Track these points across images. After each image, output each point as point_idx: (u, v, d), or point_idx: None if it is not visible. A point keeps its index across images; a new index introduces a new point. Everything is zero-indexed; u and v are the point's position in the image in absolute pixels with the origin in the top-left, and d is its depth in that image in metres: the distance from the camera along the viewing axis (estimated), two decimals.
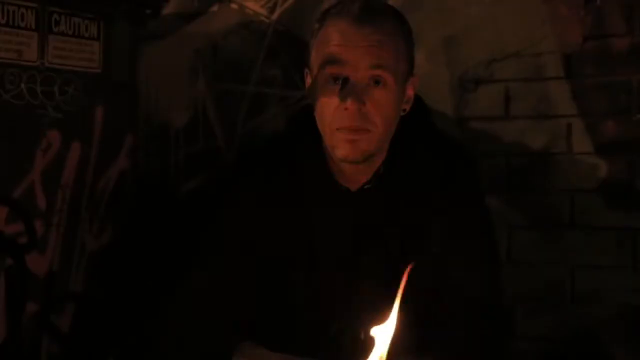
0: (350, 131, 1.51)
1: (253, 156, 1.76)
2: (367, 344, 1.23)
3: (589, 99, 2.23)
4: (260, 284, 1.66)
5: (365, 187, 1.62)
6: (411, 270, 1.42)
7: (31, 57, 2.05)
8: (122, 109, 2.31)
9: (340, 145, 1.53)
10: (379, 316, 1.21)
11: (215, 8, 2.76)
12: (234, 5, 2.73)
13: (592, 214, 2.23)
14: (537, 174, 2.30)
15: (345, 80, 1.52)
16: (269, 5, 2.67)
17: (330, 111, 1.54)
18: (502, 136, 2.34)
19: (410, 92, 1.64)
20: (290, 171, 1.64)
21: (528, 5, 2.29)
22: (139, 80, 2.42)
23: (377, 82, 1.53)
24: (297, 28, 2.55)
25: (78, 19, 2.16)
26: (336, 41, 1.53)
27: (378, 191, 1.61)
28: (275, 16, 2.66)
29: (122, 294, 2.34)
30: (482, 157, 2.31)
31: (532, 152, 2.30)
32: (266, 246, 1.64)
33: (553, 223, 2.29)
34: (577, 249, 2.25)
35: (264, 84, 2.67)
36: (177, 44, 2.79)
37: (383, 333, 1.22)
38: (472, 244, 1.60)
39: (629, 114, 2.18)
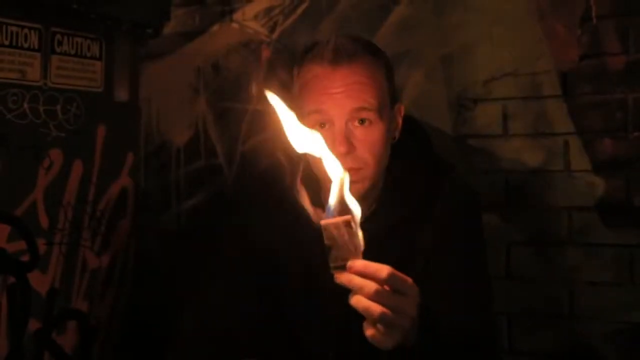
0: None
1: (256, 182, 1.78)
2: None
3: (585, 117, 2.25)
4: (263, 305, 1.67)
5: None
6: None
7: (34, 77, 2.06)
8: (124, 128, 2.32)
9: None
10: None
11: (216, 27, 2.78)
12: (234, 25, 2.75)
13: (590, 231, 2.24)
14: (534, 191, 2.31)
15: (331, 123, 1.53)
16: (269, 24, 2.70)
17: None
18: (500, 154, 2.35)
19: (398, 120, 1.65)
20: (288, 201, 1.64)
21: (524, 24, 2.31)
22: (141, 99, 2.43)
23: (362, 121, 1.54)
24: (297, 47, 2.57)
25: (80, 39, 2.18)
26: (315, 90, 1.54)
27: (371, 225, 1.61)
28: (275, 35, 2.69)
29: (125, 311, 2.34)
30: (481, 174, 2.33)
31: (530, 169, 2.32)
32: (270, 270, 1.65)
33: (551, 240, 2.30)
34: (575, 266, 2.26)
35: (265, 102, 2.69)
36: (178, 63, 2.82)
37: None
38: (462, 274, 1.59)
39: (626, 132, 2.20)
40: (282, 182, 1.69)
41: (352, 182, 1.52)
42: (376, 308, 1.22)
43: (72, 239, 2.16)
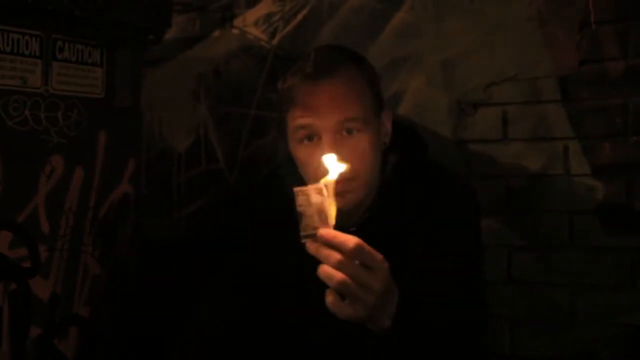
0: (336, 184, 1.52)
1: (252, 191, 1.79)
2: None
3: (585, 121, 2.26)
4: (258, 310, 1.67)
5: (351, 230, 1.62)
6: None
7: (35, 83, 2.07)
8: (125, 134, 2.33)
9: None
10: None
11: (216, 33, 2.79)
12: (235, 31, 2.76)
13: (591, 235, 2.25)
14: (535, 195, 2.32)
15: (319, 136, 1.53)
16: (269, 30, 2.70)
17: (311, 168, 1.55)
18: (500, 158, 2.36)
19: (387, 126, 1.65)
20: (283, 210, 1.63)
21: (524, 30, 2.31)
22: (142, 105, 2.44)
23: (349, 131, 1.54)
24: (297, 53, 2.58)
25: (81, 46, 2.19)
26: (299, 104, 1.54)
27: (367, 232, 1.60)
28: (275, 41, 2.69)
29: (126, 317, 2.35)
30: (481, 179, 2.34)
31: (530, 174, 2.32)
32: (265, 279, 1.66)
33: (552, 244, 2.30)
34: (576, 270, 2.26)
35: (265, 107, 2.70)
36: (179, 69, 2.82)
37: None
38: (457, 275, 1.58)
39: (625, 137, 2.20)
40: (280, 190, 1.70)
41: (345, 192, 1.52)
42: (337, 275, 1.24)
43: (74, 245, 2.16)
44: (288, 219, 1.59)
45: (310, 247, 1.27)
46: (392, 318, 1.34)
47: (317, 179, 1.56)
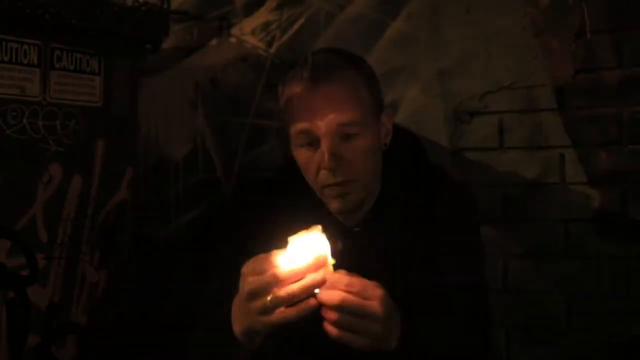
0: (336, 186, 1.53)
1: (257, 187, 1.79)
2: None
3: (581, 130, 2.26)
4: None
5: (355, 230, 1.62)
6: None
7: (33, 92, 2.08)
8: (123, 142, 2.33)
9: (331, 201, 1.55)
10: None
11: (214, 42, 2.80)
12: (232, 39, 2.77)
13: (586, 244, 2.25)
14: (531, 203, 2.32)
15: (318, 140, 1.54)
16: (267, 39, 2.71)
17: (312, 171, 1.55)
18: (496, 167, 2.37)
19: (388, 126, 1.64)
20: (286, 210, 1.63)
21: (520, 39, 2.33)
22: (139, 114, 2.45)
23: (347, 134, 1.54)
24: (294, 61, 2.58)
25: (79, 55, 2.20)
26: (298, 110, 1.53)
27: (368, 232, 1.61)
28: (273, 49, 2.70)
29: (124, 325, 2.35)
30: (477, 187, 2.34)
31: (526, 182, 2.33)
32: None
33: (548, 252, 2.30)
34: (571, 278, 2.27)
35: (263, 116, 2.70)
36: (177, 78, 2.83)
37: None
38: (458, 277, 1.58)
39: (621, 145, 2.21)
40: (281, 190, 1.70)
41: (346, 194, 1.53)
42: (338, 316, 1.29)
43: (71, 254, 2.17)
44: (292, 218, 1.60)
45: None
46: (398, 339, 1.36)
47: (316, 184, 1.57)
